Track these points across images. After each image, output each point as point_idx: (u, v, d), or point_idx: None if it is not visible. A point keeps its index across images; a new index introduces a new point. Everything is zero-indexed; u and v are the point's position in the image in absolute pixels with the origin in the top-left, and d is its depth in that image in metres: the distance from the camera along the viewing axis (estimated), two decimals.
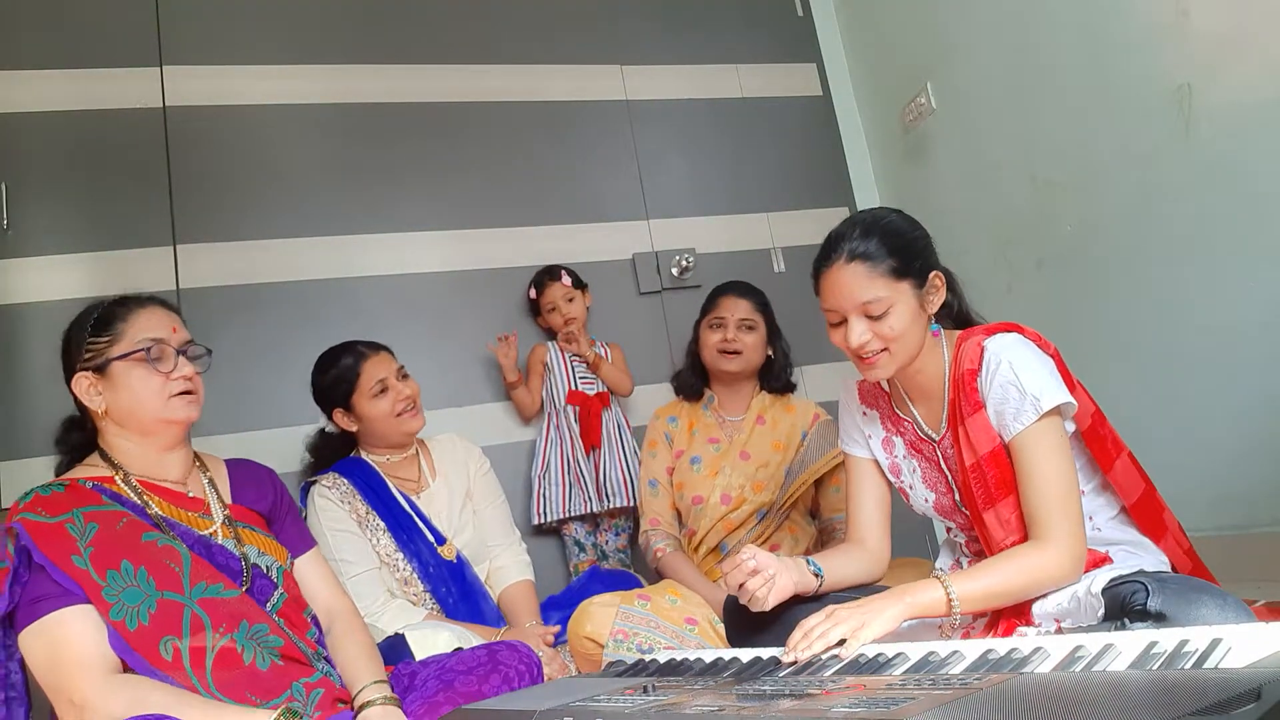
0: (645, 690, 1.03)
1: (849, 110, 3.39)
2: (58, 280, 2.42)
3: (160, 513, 1.41)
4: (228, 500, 1.53)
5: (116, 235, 2.49)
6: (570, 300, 2.65)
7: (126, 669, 1.27)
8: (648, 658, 1.40)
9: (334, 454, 2.20)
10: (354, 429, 2.14)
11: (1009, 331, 1.42)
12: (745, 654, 1.27)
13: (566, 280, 2.68)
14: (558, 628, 2.01)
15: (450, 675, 1.45)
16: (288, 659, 1.36)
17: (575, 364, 2.64)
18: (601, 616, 1.81)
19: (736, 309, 2.21)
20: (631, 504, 2.49)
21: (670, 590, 1.96)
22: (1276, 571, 1.93)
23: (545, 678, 1.54)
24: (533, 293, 2.71)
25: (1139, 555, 1.39)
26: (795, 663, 1.16)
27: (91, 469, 1.44)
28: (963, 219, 2.86)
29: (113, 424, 1.44)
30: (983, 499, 1.39)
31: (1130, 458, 1.47)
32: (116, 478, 1.42)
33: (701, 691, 1.00)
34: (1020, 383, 1.33)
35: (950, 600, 1.25)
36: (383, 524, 2.03)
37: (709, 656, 1.29)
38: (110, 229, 2.49)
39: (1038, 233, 2.62)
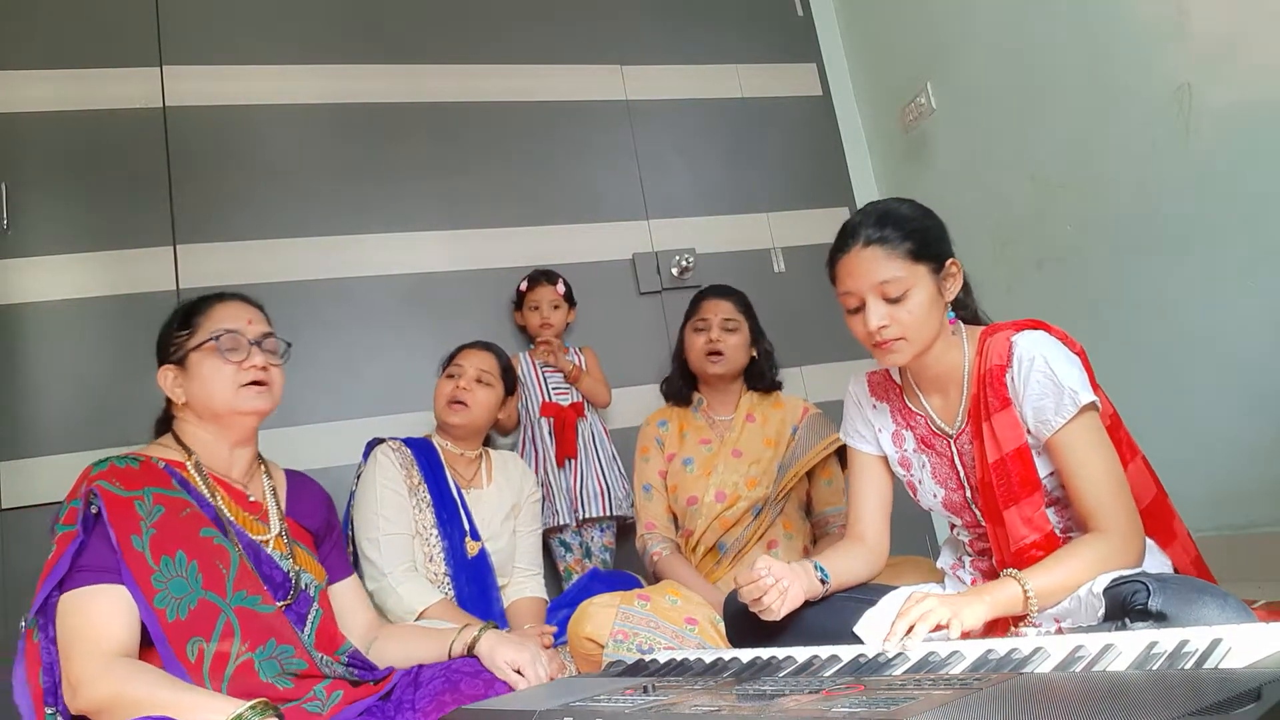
0: (645, 690, 1.03)
1: (849, 110, 3.39)
2: (58, 280, 2.42)
3: (223, 507, 1.42)
4: (283, 509, 1.55)
5: (116, 235, 2.49)
6: (555, 308, 2.64)
7: (145, 654, 1.28)
8: (648, 658, 1.40)
9: None
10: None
11: (1036, 329, 1.41)
12: (745, 654, 1.27)
13: (560, 289, 2.67)
14: (555, 627, 2.02)
15: (457, 677, 1.46)
16: (307, 677, 1.37)
17: (547, 374, 2.60)
18: (601, 617, 1.81)
19: (719, 310, 2.26)
20: (608, 513, 2.49)
21: (670, 590, 1.96)
22: (1276, 571, 1.93)
23: (545, 678, 1.55)
24: (524, 285, 2.69)
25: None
26: (900, 653, 1.13)
27: (164, 450, 1.46)
28: (963, 219, 2.84)
29: (191, 414, 1.48)
30: (1004, 496, 1.38)
31: (1144, 462, 1.47)
32: (188, 464, 1.44)
33: (701, 691, 1.00)
34: (1057, 378, 1.33)
35: (1027, 597, 1.24)
36: (429, 499, 2.09)
37: (709, 656, 1.29)
38: (110, 229, 2.49)
39: (1038, 233, 2.62)
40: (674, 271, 2.94)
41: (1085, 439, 1.33)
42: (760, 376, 2.30)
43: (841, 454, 2.21)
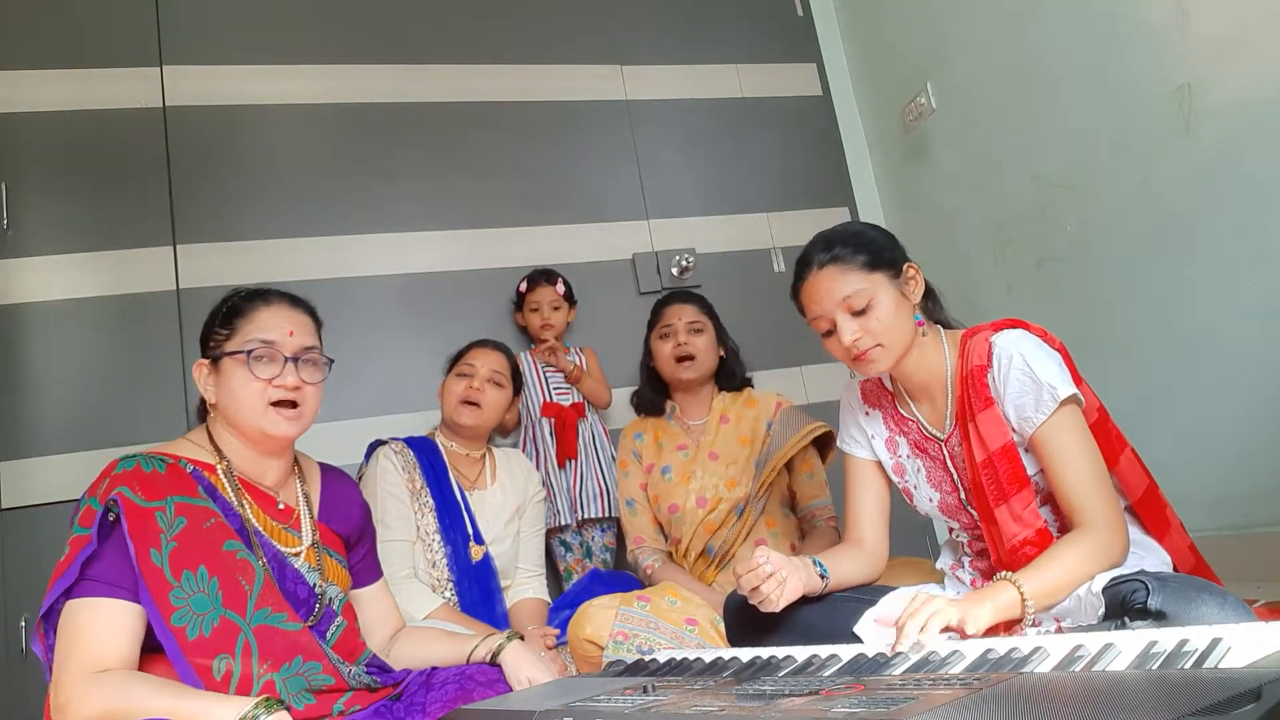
0: (645, 690, 1.03)
1: (849, 110, 3.39)
2: (58, 280, 2.42)
3: (251, 517, 1.36)
4: (315, 514, 1.48)
5: (116, 235, 2.49)
6: (555, 308, 2.64)
7: (159, 671, 1.23)
8: (648, 658, 1.40)
9: None
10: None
11: (1014, 328, 1.44)
12: (745, 654, 1.27)
13: (560, 288, 2.67)
14: (558, 630, 2.02)
15: (470, 685, 1.43)
16: (332, 692, 1.33)
17: (549, 374, 2.60)
18: (601, 618, 1.81)
19: (683, 314, 2.26)
20: (608, 514, 2.49)
21: (670, 591, 1.96)
22: (1276, 571, 1.93)
23: (546, 679, 1.54)
24: (523, 286, 2.69)
25: (1142, 555, 1.39)
26: (900, 653, 1.12)
27: (196, 449, 1.39)
28: (963, 219, 2.86)
29: (221, 416, 1.41)
30: (994, 495, 1.39)
31: (1133, 453, 1.48)
32: (219, 468, 1.37)
33: (701, 691, 1.00)
34: (1035, 374, 1.35)
35: (1024, 600, 1.24)
36: (432, 503, 2.08)
37: (709, 656, 1.29)
38: (110, 229, 2.49)
39: (1038, 233, 2.62)
40: (674, 271, 2.94)
41: (1066, 434, 1.34)
42: (731, 376, 2.31)
43: (820, 446, 2.21)
